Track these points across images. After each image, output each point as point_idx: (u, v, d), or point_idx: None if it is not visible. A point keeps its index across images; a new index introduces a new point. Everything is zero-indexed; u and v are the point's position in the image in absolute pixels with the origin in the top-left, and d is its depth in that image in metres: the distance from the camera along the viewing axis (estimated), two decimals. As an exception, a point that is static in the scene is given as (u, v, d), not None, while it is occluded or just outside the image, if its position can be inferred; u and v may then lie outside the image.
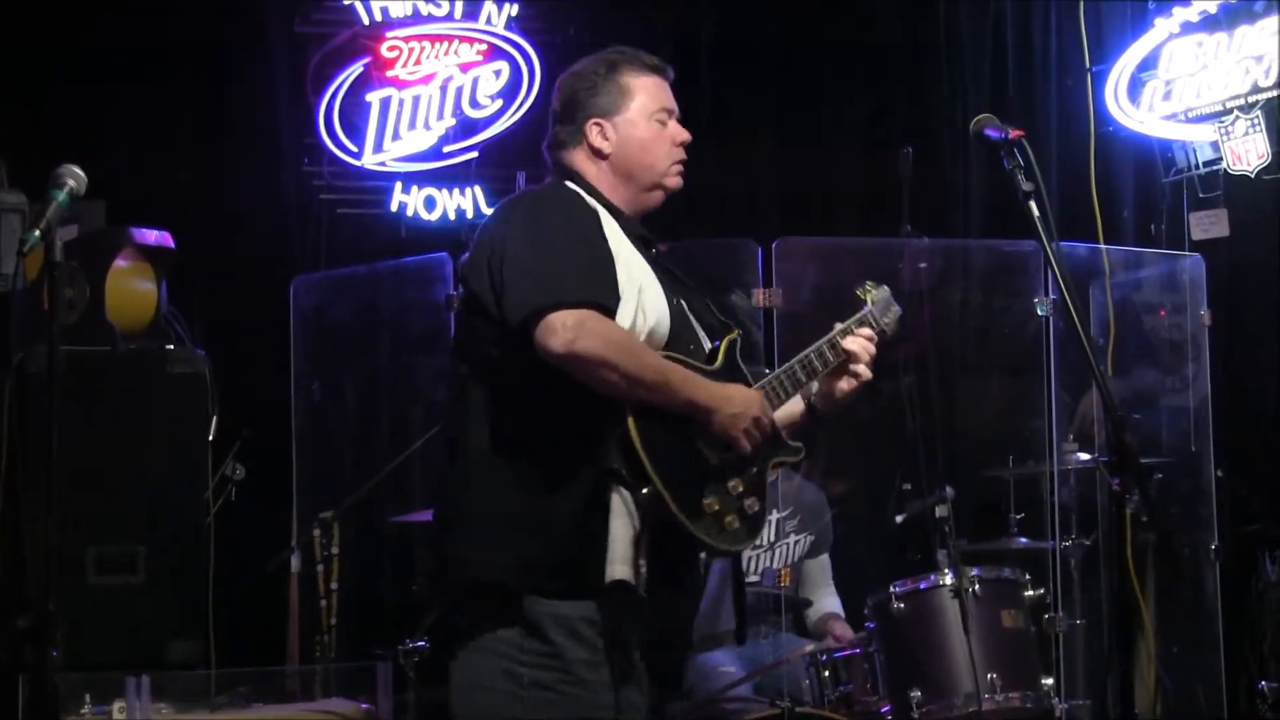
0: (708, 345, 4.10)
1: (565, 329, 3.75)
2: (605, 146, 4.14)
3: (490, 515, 3.93)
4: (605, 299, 3.84)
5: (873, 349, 4.21)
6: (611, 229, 4.02)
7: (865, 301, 4.31)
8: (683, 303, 4.15)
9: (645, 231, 4.15)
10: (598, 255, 3.92)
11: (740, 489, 3.93)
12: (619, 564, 3.80)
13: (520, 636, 3.88)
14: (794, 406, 4.25)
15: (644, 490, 3.78)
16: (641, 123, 4.15)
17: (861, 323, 4.24)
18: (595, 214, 4.02)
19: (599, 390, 3.79)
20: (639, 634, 3.89)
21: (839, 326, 4.22)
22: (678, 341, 3.98)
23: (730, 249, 6.79)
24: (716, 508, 3.87)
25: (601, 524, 3.80)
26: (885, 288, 4.36)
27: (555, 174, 4.20)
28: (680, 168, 4.21)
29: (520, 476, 3.90)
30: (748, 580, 6.66)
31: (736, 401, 3.91)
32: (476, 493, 3.95)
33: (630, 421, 3.79)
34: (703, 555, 3.91)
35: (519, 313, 3.82)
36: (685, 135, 4.21)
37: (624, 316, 3.87)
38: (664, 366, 3.87)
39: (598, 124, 4.14)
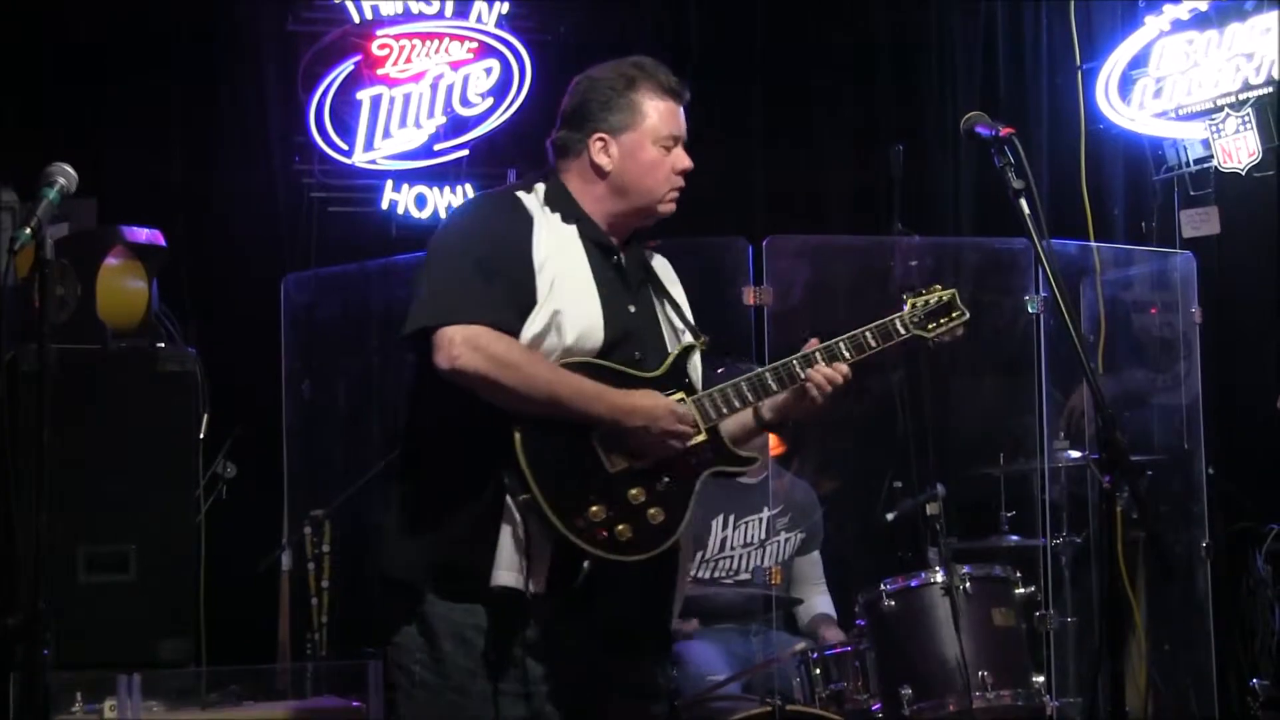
0: (671, 350, 4.13)
1: (451, 345, 3.86)
2: (606, 163, 4.16)
3: (405, 513, 4.06)
4: (500, 317, 3.91)
5: (838, 379, 4.15)
6: (555, 238, 4.06)
7: (904, 304, 4.29)
8: (659, 308, 4.21)
9: (610, 240, 4.17)
10: (504, 271, 3.96)
11: (643, 498, 3.94)
12: (504, 570, 3.88)
13: (418, 635, 4.00)
14: (742, 416, 4.22)
15: (522, 497, 3.84)
16: (647, 146, 4.17)
17: (833, 355, 4.16)
18: (528, 222, 4.06)
19: (494, 403, 3.87)
20: (536, 643, 3.94)
21: (819, 346, 4.19)
22: (617, 350, 4.02)
23: (721, 247, 6.79)
24: (602, 516, 3.88)
25: (493, 530, 3.88)
26: (949, 294, 4.32)
27: (540, 171, 4.24)
28: (676, 194, 4.23)
29: (431, 478, 4.03)
30: (738, 578, 6.67)
31: (640, 414, 3.94)
32: (398, 490, 4.11)
33: (516, 430, 3.86)
34: (586, 564, 3.88)
35: (412, 325, 3.96)
36: (687, 163, 4.22)
37: (531, 329, 3.93)
38: (557, 383, 3.91)
39: (602, 139, 4.17)
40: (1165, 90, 8.04)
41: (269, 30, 8.39)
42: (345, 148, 8.34)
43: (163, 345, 6.59)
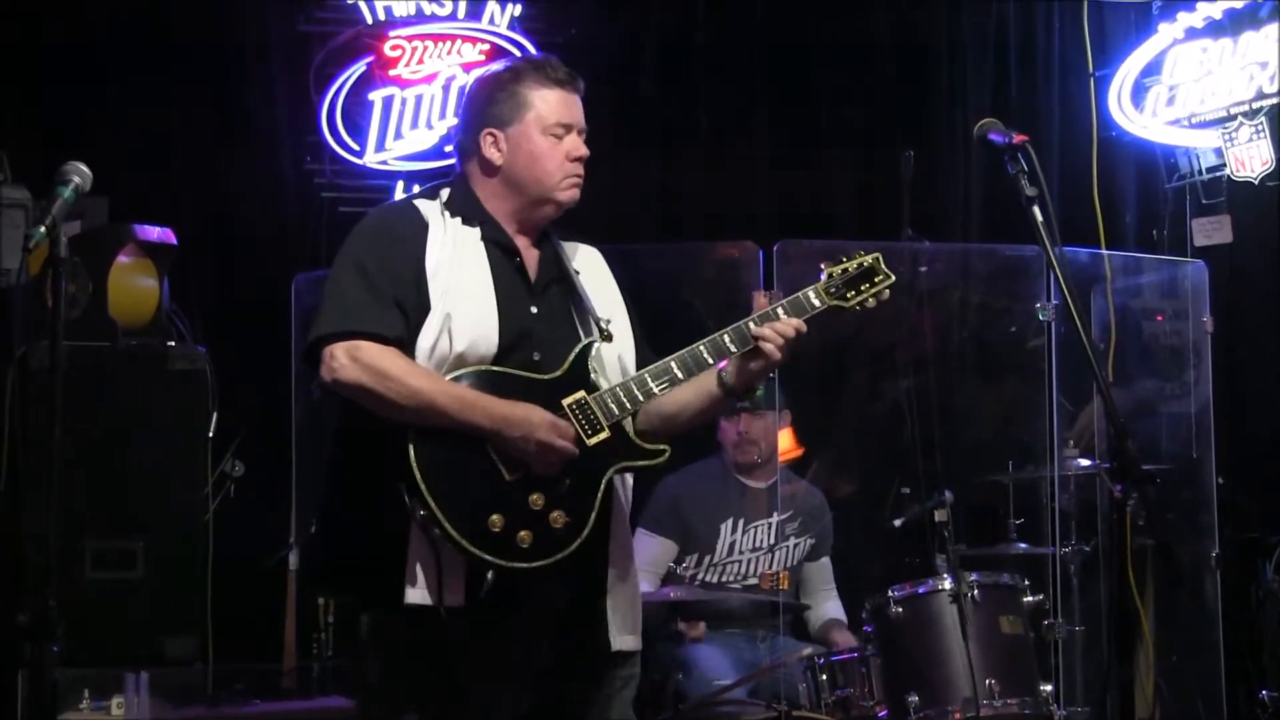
0: (577, 348, 4.09)
1: (332, 359, 3.92)
2: (497, 158, 4.17)
3: (323, 532, 4.15)
4: (384, 329, 3.94)
5: (789, 332, 4.07)
6: (452, 242, 4.08)
7: (821, 274, 4.19)
8: (571, 306, 4.17)
9: (512, 241, 4.16)
10: (393, 281, 3.99)
11: (543, 503, 3.93)
12: (413, 588, 3.90)
13: (357, 647, 4.07)
14: (706, 385, 4.18)
15: (420, 513, 3.85)
16: (534, 136, 4.15)
17: (766, 319, 4.09)
18: (423, 229, 4.08)
19: (379, 415, 3.91)
20: (459, 659, 3.94)
21: (753, 315, 4.12)
22: (514, 352, 4.02)
23: (732, 252, 6.79)
24: (501, 525, 3.87)
25: (401, 547, 3.90)
26: (870, 258, 4.21)
27: (448, 179, 4.27)
28: (575, 181, 4.18)
29: (343, 495, 4.08)
30: (746, 583, 6.67)
31: (517, 424, 3.91)
32: (320, 507, 4.16)
33: (410, 445, 3.87)
34: (489, 575, 3.87)
35: (306, 341, 3.99)
36: (581, 151, 4.18)
37: (426, 338, 3.96)
38: (436, 393, 3.91)
39: (491, 134, 4.17)
40: (1178, 98, 8.02)
41: (281, 30, 8.39)
42: (357, 148, 8.34)
43: (173, 343, 6.60)
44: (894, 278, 4.25)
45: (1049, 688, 5.95)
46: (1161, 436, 7.50)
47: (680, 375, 4.08)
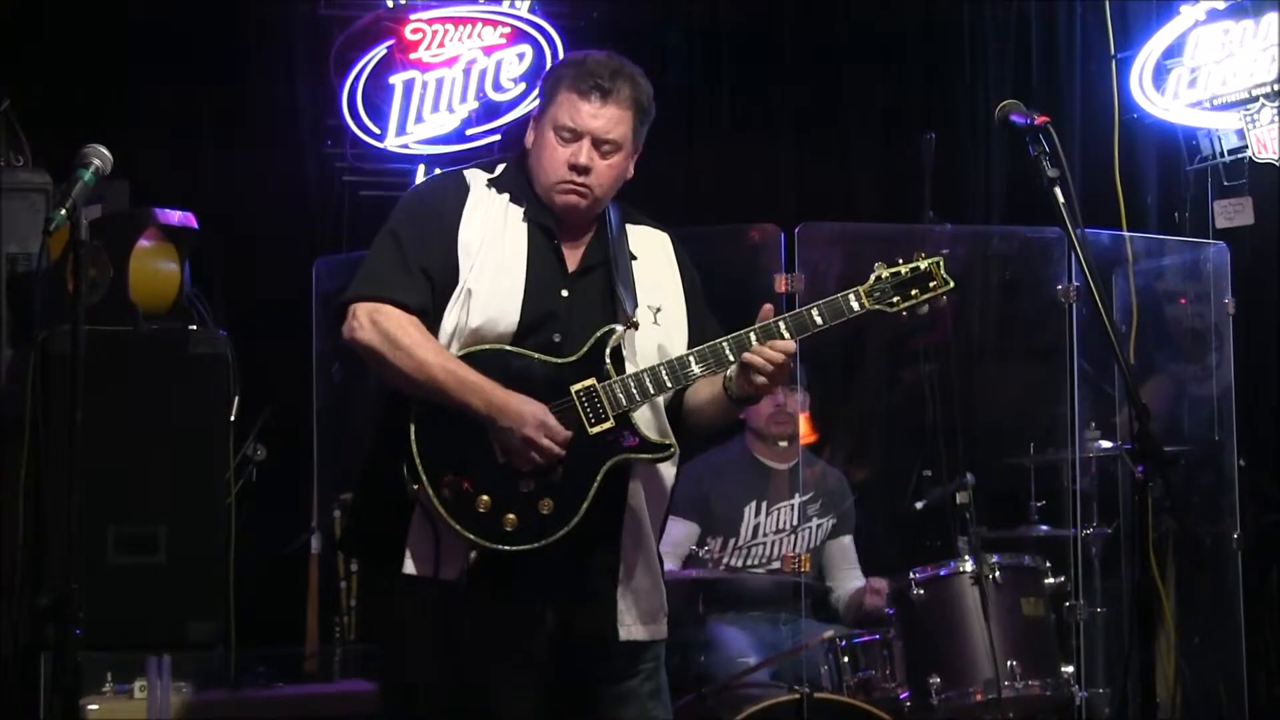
0: (598, 334, 4.09)
1: (354, 318, 4.07)
2: (529, 142, 4.26)
3: (354, 496, 4.36)
4: (408, 298, 4.04)
5: (779, 359, 4.00)
6: (492, 218, 4.14)
7: (872, 274, 4.12)
8: (609, 293, 4.16)
9: (551, 223, 4.18)
10: (425, 252, 4.08)
11: (532, 488, 3.96)
12: (411, 559, 4.00)
13: (375, 611, 4.33)
14: (716, 389, 4.19)
15: (413, 487, 3.92)
16: (547, 133, 4.20)
17: (768, 334, 4.02)
18: (461, 201, 4.16)
19: (386, 382, 4.06)
20: (457, 632, 4.01)
21: (755, 327, 4.06)
22: (535, 333, 4.06)
23: (754, 234, 6.78)
24: (487, 507, 3.93)
25: (404, 518, 4.01)
26: (929, 263, 4.12)
27: (515, 151, 4.38)
28: (569, 188, 4.16)
29: (366, 465, 4.26)
30: (770, 566, 6.67)
31: (510, 416, 3.94)
32: (360, 473, 4.30)
33: (412, 419, 3.97)
34: (472, 554, 3.94)
35: (337, 300, 4.16)
36: (580, 160, 4.14)
37: (449, 312, 4.05)
38: (440, 370, 3.97)
39: (534, 120, 4.27)
40: (1200, 80, 8.00)
41: (302, 14, 8.39)
42: (378, 131, 8.33)
43: (194, 327, 6.59)
44: (952, 284, 4.15)
45: (1070, 669, 5.97)
46: (1183, 419, 7.49)
47: (697, 370, 4.06)
